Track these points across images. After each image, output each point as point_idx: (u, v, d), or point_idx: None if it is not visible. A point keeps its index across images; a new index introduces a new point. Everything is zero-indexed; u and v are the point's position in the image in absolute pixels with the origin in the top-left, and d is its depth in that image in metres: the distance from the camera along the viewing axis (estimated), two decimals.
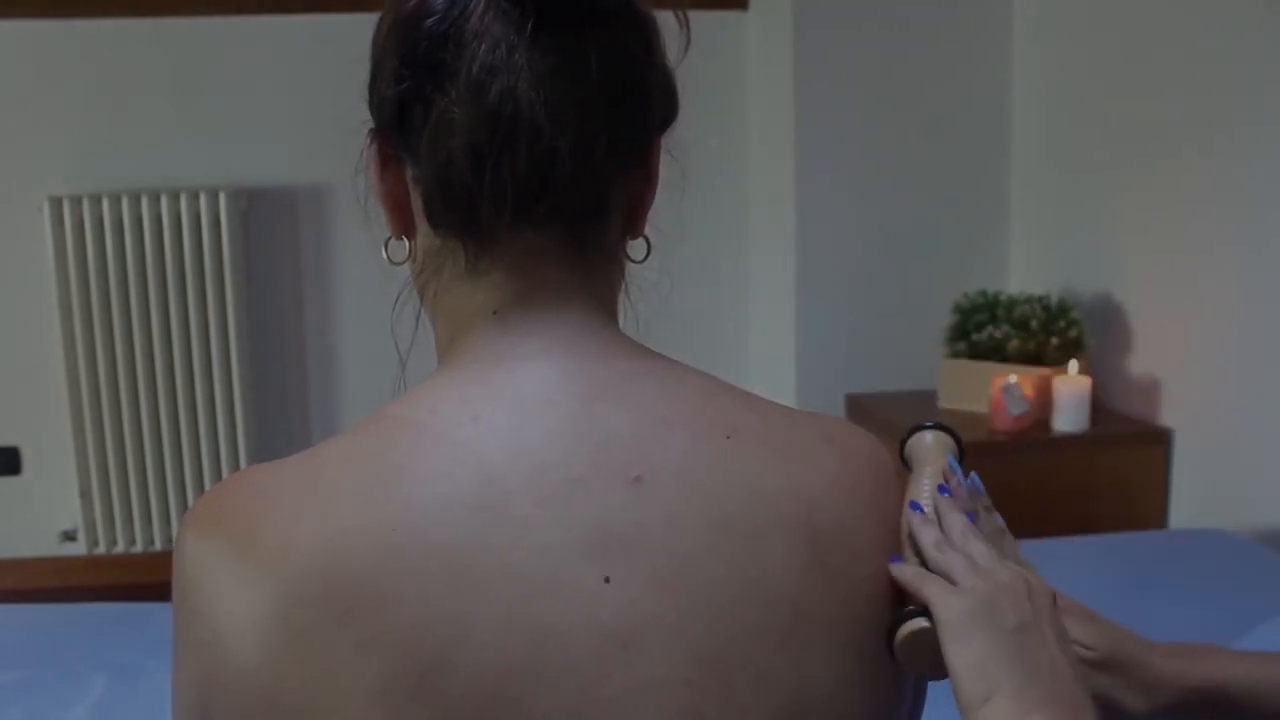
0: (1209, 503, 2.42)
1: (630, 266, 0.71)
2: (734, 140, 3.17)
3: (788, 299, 3.01)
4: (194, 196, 2.99)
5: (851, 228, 2.98)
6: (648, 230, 0.70)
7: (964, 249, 3.02)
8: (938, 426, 0.76)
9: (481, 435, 0.61)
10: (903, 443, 0.77)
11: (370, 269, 3.13)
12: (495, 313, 0.65)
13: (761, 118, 3.14)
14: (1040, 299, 2.66)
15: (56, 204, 2.95)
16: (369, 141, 0.69)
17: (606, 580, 0.57)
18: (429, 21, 0.63)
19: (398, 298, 0.72)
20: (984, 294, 2.72)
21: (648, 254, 0.71)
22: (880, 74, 2.94)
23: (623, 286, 0.71)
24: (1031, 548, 2.20)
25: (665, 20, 0.68)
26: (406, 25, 0.64)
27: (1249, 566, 1.99)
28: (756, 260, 3.24)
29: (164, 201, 2.98)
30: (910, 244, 2.99)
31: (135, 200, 2.97)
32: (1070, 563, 2.00)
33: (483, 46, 0.62)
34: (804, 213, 2.95)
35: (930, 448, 0.75)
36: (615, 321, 0.69)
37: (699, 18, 0.69)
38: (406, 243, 0.69)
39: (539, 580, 0.56)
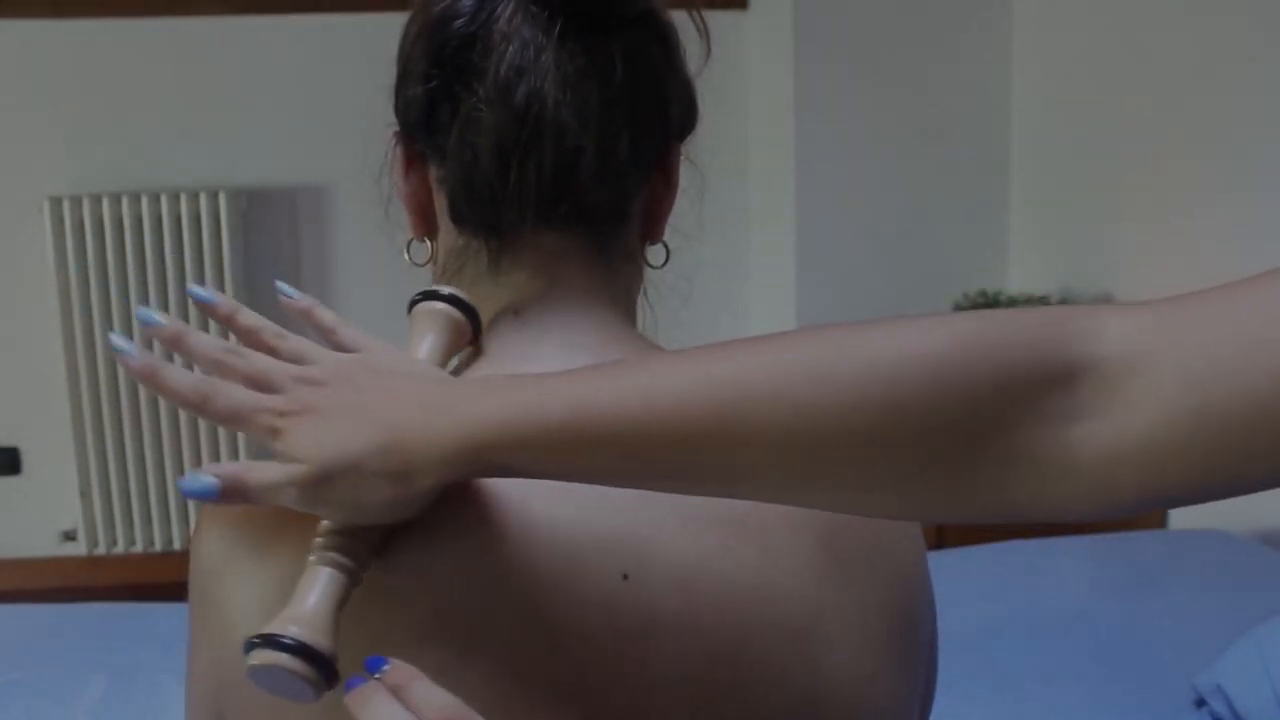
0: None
1: (648, 269, 0.71)
2: (734, 140, 3.17)
3: (788, 299, 3.01)
4: (194, 196, 2.99)
5: (851, 228, 2.98)
6: (666, 235, 0.71)
7: (964, 249, 3.02)
8: (453, 300, 0.64)
9: None
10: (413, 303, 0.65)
11: (370, 269, 3.11)
12: (516, 313, 0.66)
13: (761, 118, 3.14)
14: (1040, 299, 2.66)
15: (56, 204, 2.95)
16: (394, 143, 0.70)
17: (625, 577, 0.57)
18: (458, 23, 0.64)
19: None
20: (984, 294, 2.73)
21: (667, 259, 0.72)
22: (880, 74, 2.94)
23: (641, 289, 0.71)
24: (1032, 547, 2.20)
25: (686, 30, 0.69)
26: (435, 27, 0.65)
27: (1249, 566, 2.00)
28: (756, 260, 3.24)
29: (164, 201, 2.98)
30: (910, 244, 2.99)
31: (135, 200, 2.97)
32: (1070, 563, 2.00)
33: (510, 48, 0.63)
34: (804, 212, 2.95)
35: (430, 326, 0.63)
36: (634, 324, 0.70)
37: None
38: (428, 244, 0.70)
39: (557, 577, 0.57)
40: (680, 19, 0.69)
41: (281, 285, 0.64)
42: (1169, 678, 1.62)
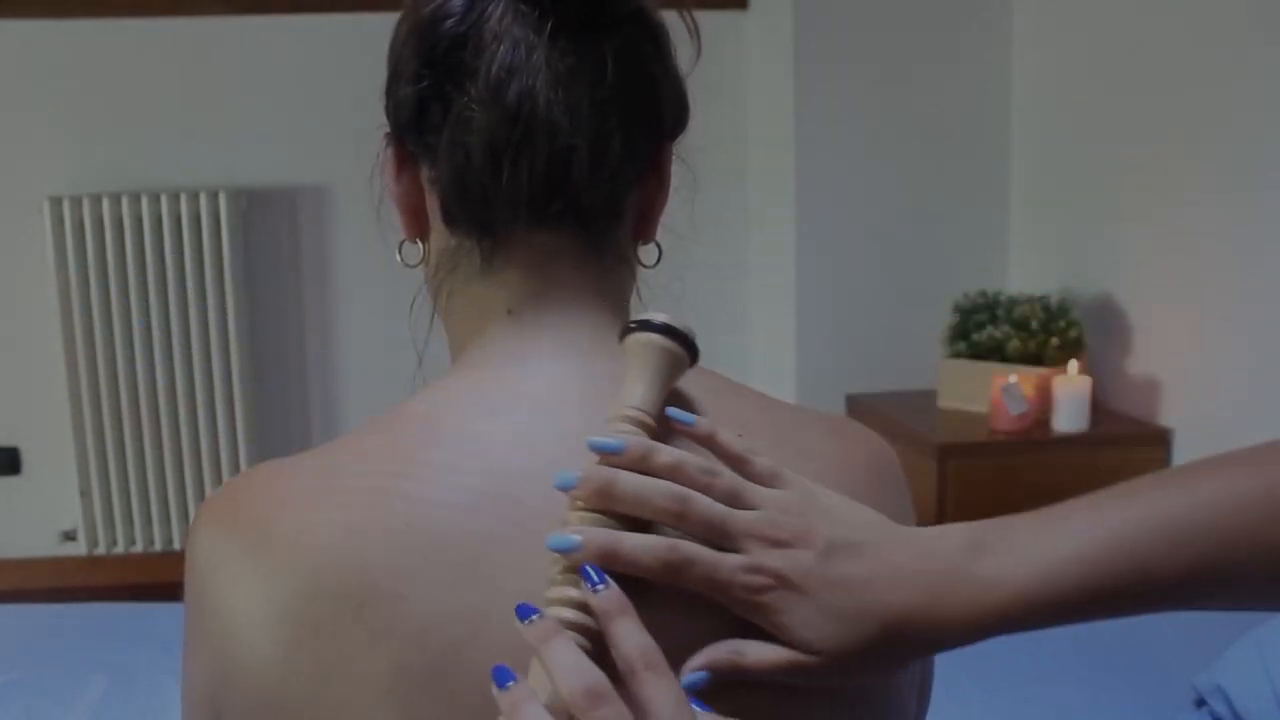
0: None
1: (641, 269, 0.71)
2: (734, 140, 3.17)
3: (788, 299, 3.01)
4: (194, 196, 2.99)
5: (851, 228, 2.98)
6: (659, 234, 0.71)
7: (964, 249, 3.02)
8: (669, 331, 0.60)
9: (495, 434, 0.61)
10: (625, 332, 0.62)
11: (370, 269, 3.12)
12: (510, 312, 0.66)
13: (761, 118, 3.14)
14: (1040, 299, 2.66)
15: (56, 204, 2.95)
16: (385, 144, 0.69)
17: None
18: (448, 23, 0.64)
19: (414, 298, 0.72)
20: (984, 294, 2.72)
21: (659, 259, 0.72)
22: (880, 74, 2.94)
23: (634, 288, 0.71)
24: None
25: (677, 30, 0.69)
26: (426, 27, 0.65)
27: None
28: (756, 260, 3.24)
29: (164, 201, 2.98)
30: (910, 244, 2.99)
31: (135, 200, 2.97)
32: None
33: (502, 47, 0.63)
34: (804, 213, 2.95)
35: (647, 363, 0.60)
36: None
37: (699, 18, 0.69)
38: (420, 245, 0.70)
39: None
40: (673, 19, 0.69)
41: (674, 411, 0.59)
42: (1169, 678, 1.62)
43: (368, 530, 0.58)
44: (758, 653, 0.55)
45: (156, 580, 3.07)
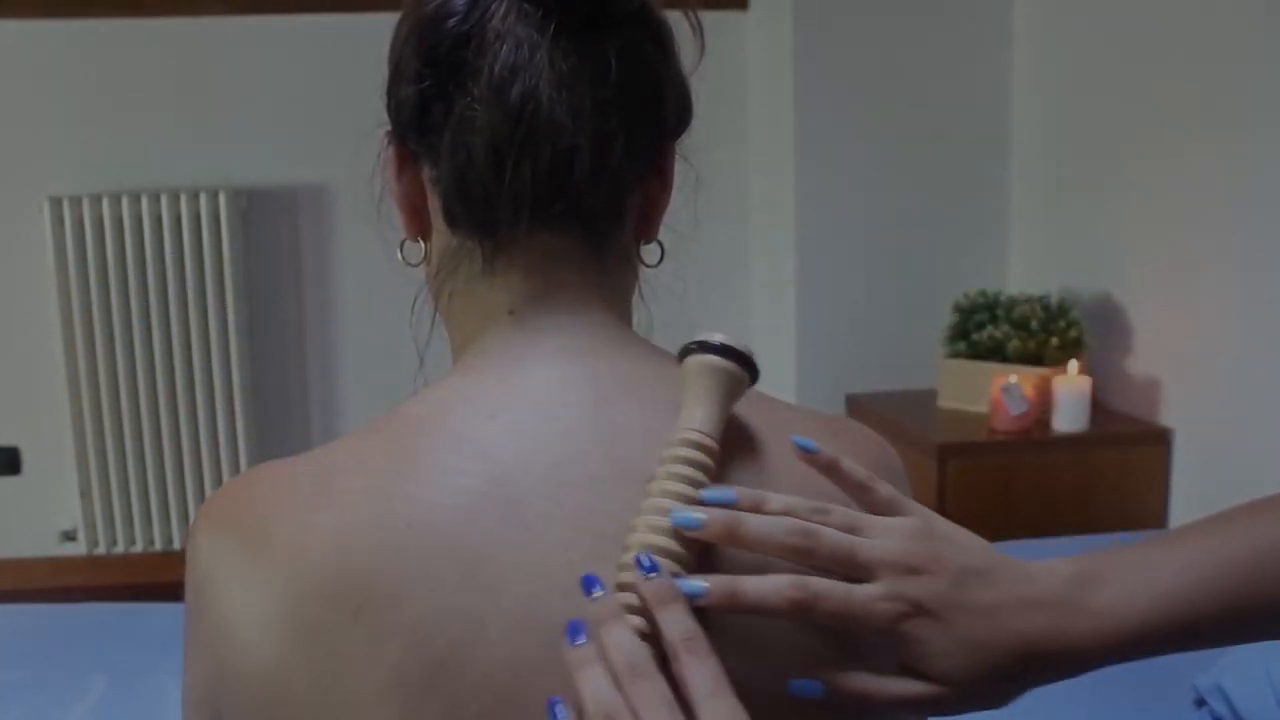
0: (1209, 503, 2.41)
1: (643, 267, 0.71)
2: (734, 139, 3.17)
3: (788, 299, 3.01)
4: (194, 196, 2.99)
5: (852, 228, 2.98)
6: (661, 233, 0.71)
7: (964, 249, 3.02)
8: (726, 350, 0.60)
9: (496, 434, 0.61)
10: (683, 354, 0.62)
11: (370, 269, 3.10)
12: (511, 313, 0.66)
13: (761, 118, 3.14)
14: (1040, 299, 2.66)
15: (56, 204, 2.95)
16: (386, 143, 0.69)
17: None
18: (451, 22, 0.64)
19: (416, 298, 0.72)
20: (984, 294, 2.72)
21: (661, 259, 0.72)
22: (880, 74, 2.94)
23: (636, 289, 0.71)
24: (1032, 548, 2.21)
25: (680, 29, 0.69)
26: (428, 26, 0.65)
27: None
28: (756, 260, 3.24)
29: (164, 201, 2.98)
30: (910, 244, 2.99)
31: (135, 200, 2.97)
32: None
33: (505, 47, 0.62)
34: (804, 213, 2.95)
35: (708, 385, 0.60)
36: (629, 324, 0.70)
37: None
38: (422, 245, 0.70)
39: (552, 578, 0.57)
40: (676, 17, 0.69)
41: (798, 439, 0.60)
42: (1169, 678, 1.62)
43: (367, 531, 0.58)
44: (886, 687, 0.56)
45: (156, 580, 3.07)
